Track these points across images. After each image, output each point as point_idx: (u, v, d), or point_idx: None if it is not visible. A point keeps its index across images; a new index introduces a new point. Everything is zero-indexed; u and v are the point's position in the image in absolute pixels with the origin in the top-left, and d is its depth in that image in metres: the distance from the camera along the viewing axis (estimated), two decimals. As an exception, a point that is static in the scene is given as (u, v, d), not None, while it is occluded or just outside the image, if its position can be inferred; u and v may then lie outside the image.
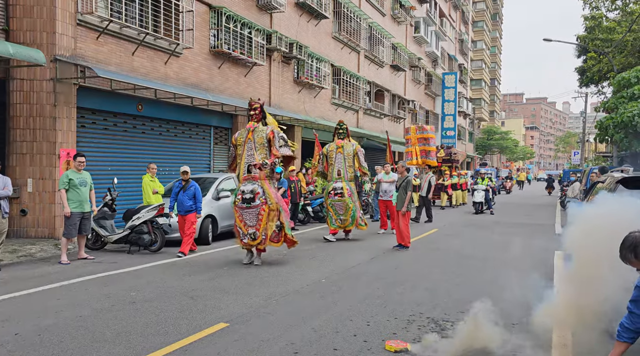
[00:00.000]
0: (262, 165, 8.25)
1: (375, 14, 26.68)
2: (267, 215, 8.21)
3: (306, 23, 20.02)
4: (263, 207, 8.20)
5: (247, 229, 8.26)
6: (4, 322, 5.12)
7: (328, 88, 21.59)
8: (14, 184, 10.09)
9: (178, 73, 13.56)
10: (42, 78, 10.22)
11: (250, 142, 8.38)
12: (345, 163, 11.52)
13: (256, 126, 8.47)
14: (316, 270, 7.98)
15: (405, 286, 6.95)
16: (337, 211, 11.40)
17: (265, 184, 8.34)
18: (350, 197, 11.31)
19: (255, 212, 8.20)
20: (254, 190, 8.20)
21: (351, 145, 11.66)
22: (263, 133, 8.38)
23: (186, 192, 9.41)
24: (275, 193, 8.46)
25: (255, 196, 8.17)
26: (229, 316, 5.35)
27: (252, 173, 8.31)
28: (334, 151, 11.64)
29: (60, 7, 10.22)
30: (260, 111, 8.55)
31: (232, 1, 15.58)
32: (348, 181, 11.45)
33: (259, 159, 8.29)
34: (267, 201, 8.23)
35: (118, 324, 5.07)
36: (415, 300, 6.21)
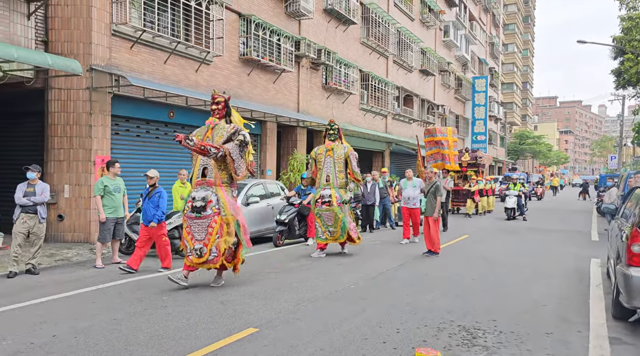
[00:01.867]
0: (186, 139, 6.60)
1: (403, 19, 26.57)
2: (219, 228, 6.85)
3: (334, 29, 20.09)
4: (215, 218, 6.81)
5: (194, 243, 6.87)
6: (42, 324, 5.28)
7: (356, 93, 21.58)
8: (52, 190, 10.45)
9: (208, 80, 13.79)
10: (78, 87, 10.55)
11: (209, 140, 7.08)
12: (334, 168, 10.07)
13: (217, 123, 7.22)
14: (344, 276, 7.95)
15: (435, 293, 6.86)
16: (325, 222, 9.96)
17: (221, 191, 6.96)
18: (340, 206, 9.88)
19: (205, 224, 6.82)
20: (206, 198, 6.86)
21: (342, 147, 10.25)
22: (223, 132, 7.08)
23: (151, 200, 8.23)
24: (233, 203, 7.07)
25: (207, 204, 6.83)
26: (258, 322, 5.38)
27: (206, 178, 7.03)
28: (323, 154, 10.19)
29: (96, 18, 10.55)
30: (224, 106, 7.34)
31: (261, 9, 15.78)
32: (338, 188, 10.00)
33: (215, 162, 7.00)
34: (220, 211, 6.86)
35: (151, 328, 5.17)
36: (445, 307, 6.12)
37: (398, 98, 26.62)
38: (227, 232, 6.90)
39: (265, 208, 12.03)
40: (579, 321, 5.68)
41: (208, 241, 6.82)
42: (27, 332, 5.00)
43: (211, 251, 6.82)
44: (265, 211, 12.00)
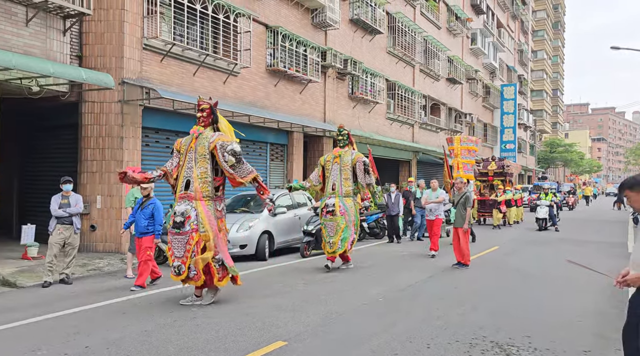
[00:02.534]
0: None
1: (430, 28, 26.43)
2: (196, 245, 6.47)
3: (360, 39, 20.11)
4: (192, 235, 6.45)
5: (173, 260, 6.57)
6: (76, 335, 5.37)
7: (383, 103, 21.51)
8: (84, 201, 10.68)
9: (236, 92, 13.95)
10: (111, 100, 10.81)
11: (192, 151, 6.70)
12: (340, 175, 9.55)
13: (202, 132, 6.79)
14: (373, 288, 7.86)
15: (466, 307, 6.72)
16: (328, 233, 9.42)
17: (201, 206, 6.56)
18: (344, 215, 9.34)
19: (183, 240, 6.49)
20: (185, 212, 6.47)
21: (350, 153, 9.68)
22: (206, 142, 6.65)
23: (143, 211, 7.94)
24: (212, 219, 6.62)
25: (186, 220, 6.46)
26: (287, 335, 5.35)
27: (188, 191, 6.61)
28: (331, 161, 9.71)
29: (128, 33, 10.81)
30: (209, 113, 6.87)
31: (288, 20, 15.92)
32: (343, 197, 9.49)
33: (197, 174, 6.61)
34: (198, 227, 6.48)
35: (180, 340, 5.20)
36: (477, 322, 5.98)
37: (425, 107, 26.42)
38: (205, 249, 6.51)
39: (292, 219, 12.04)
40: (616, 337, 5.45)
41: (186, 258, 6.48)
42: (61, 343, 5.09)
43: (190, 269, 6.49)
44: (292, 221, 12.01)
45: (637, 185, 3.52)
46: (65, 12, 9.53)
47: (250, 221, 10.91)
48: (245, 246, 10.62)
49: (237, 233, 10.62)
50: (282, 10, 15.75)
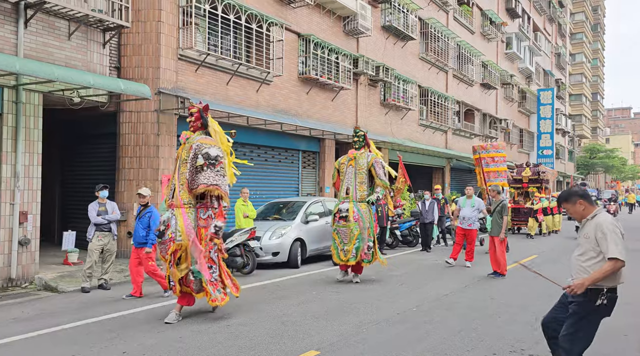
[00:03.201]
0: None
1: (464, 33, 26.09)
2: (172, 255, 6.22)
3: (392, 45, 20.02)
4: (170, 244, 6.25)
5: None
6: (113, 340, 5.48)
7: (415, 109, 21.32)
8: (121, 208, 10.95)
9: (268, 100, 14.08)
10: (147, 110, 11.07)
11: (179, 158, 6.56)
12: (355, 179, 9.03)
13: (188, 137, 6.61)
14: (406, 298, 7.75)
15: (503, 319, 6.54)
16: (342, 239, 8.96)
17: (181, 214, 6.27)
18: (358, 221, 8.83)
19: (165, 250, 6.33)
20: (166, 221, 6.32)
21: (366, 156, 9.15)
22: (188, 146, 6.47)
23: (141, 220, 7.88)
24: (190, 227, 6.24)
25: (167, 229, 6.28)
26: (320, 344, 5.32)
27: (172, 199, 6.42)
28: (345, 164, 9.25)
29: (164, 44, 11.07)
30: (198, 118, 6.59)
31: (320, 28, 16.00)
32: (357, 202, 8.98)
33: (179, 181, 6.36)
34: (175, 237, 6.22)
35: (214, 347, 5.23)
36: (515, 334, 5.81)
37: (458, 113, 26.04)
38: (179, 260, 6.22)
39: (324, 226, 12.01)
40: (666, 354, 5.21)
41: (167, 270, 6.40)
42: (99, 347, 5.21)
43: (169, 279, 6.40)
44: (324, 229, 11.97)
45: (570, 197, 3.91)
46: (105, 26, 9.84)
47: (282, 228, 10.94)
48: (277, 253, 10.65)
49: (270, 241, 10.67)
50: (314, 18, 15.84)
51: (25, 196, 8.81)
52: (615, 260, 3.62)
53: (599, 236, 3.72)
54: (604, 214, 3.84)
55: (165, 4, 11.11)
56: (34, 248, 8.95)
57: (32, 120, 8.90)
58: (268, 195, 14.19)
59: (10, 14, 8.52)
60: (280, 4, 14.42)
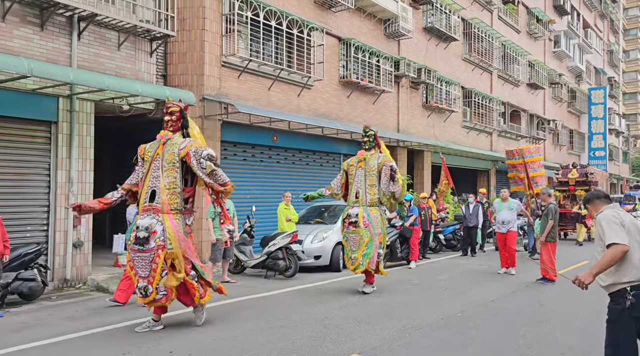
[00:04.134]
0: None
1: (509, 32, 25.44)
2: (163, 263, 5.77)
3: (434, 47, 19.76)
4: (158, 253, 5.73)
5: (138, 281, 5.83)
6: (162, 339, 5.64)
7: (458, 111, 20.93)
8: (168, 212, 11.24)
9: (310, 104, 14.17)
10: (192, 116, 11.29)
11: (159, 158, 5.99)
12: (365, 182, 8.37)
13: (170, 138, 6.10)
14: (451, 303, 7.59)
15: (553, 326, 6.30)
16: (350, 247, 8.34)
17: (169, 220, 5.84)
18: (368, 227, 8.18)
19: (148, 258, 5.75)
20: (150, 227, 5.75)
21: (376, 157, 8.46)
22: (175, 149, 5.97)
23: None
24: (182, 235, 5.89)
25: (151, 235, 5.73)
26: (362, 348, 5.28)
27: (153, 203, 5.89)
28: (354, 166, 8.54)
29: (208, 51, 11.34)
30: (179, 117, 6.19)
31: (361, 32, 15.98)
32: (368, 206, 8.31)
33: (164, 184, 5.90)
34: (165, 244, 5.77)
35: (256, 349, 5.29)
36: (565, 342, 5.59)
37: (504, 114, 25.38)
38: (175, 268, 5.82)
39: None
40: None
41: (153, 279, 5.75)
42: (148, 347, 5.36)
43: (158, 290, 5.78)
44: (366, 233, 11.91)
45: (591, 199, 3.94)
46: (152, 35, 10.18)
47: (324, 232, 10.96)
48: (319, 257, 10.67)
49: (312, 244, 10.71)
50: (355, 22, 15.84)
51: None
52: (615, 245, 3.50)
53: (599, 230, 3.68)
54: (606, 210, 3.75)
55: (209, 13, 11.39)
56: (87, 251, 9.33)
57: (84, 127, 9.30)
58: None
59: (65, 27, 8.95)
60: (321, 9, 14.51)
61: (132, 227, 5.99)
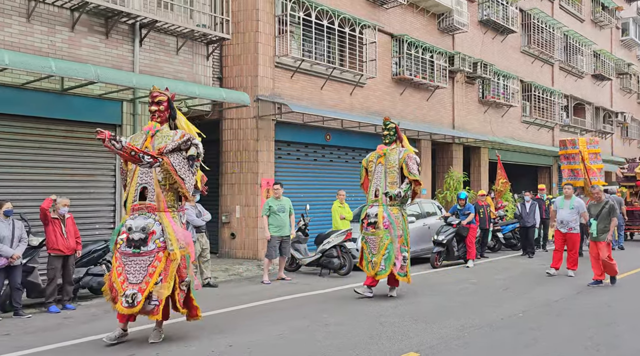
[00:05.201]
0: (111, 140, 5.14)
1: (571, 21, 24.27)
2: (164, 268, 5.28)
3: (491, 40, 19.16)
4: (159, 255, 5.27)
5: (126, 288, 5.20)
6: (220, 334, 5.80)
7: (517, 106, 20.20)
8: (225, 211, 11.62)
9: (362, 102, 14.12)
10: (247, 116, 11.61)
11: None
12: (385, 179, 7.65)
13: (159, 129, 5.60)
14: (511, 303, 7.34)
15: (622, 328, 5.96)
16: (370, 250, 7.65)
17: (166, 218, 5.40)
18: (388, 228, 7.50)
19: (146, 262, 5.26)
20: (147, 228, 5.27)
21: (397, 151, 7.73)
22: (167, 140, 5.47)
23: None
24: (182, 232, 5.51)
25: (149, 237, 5.26)
26: (419, 346, 5.21)
27: (146, 201, 5.42)
28: (374, 162, 7.86)
29: (262, 53, 11.56)
30: (167, 107, 5.70)
31: (413, 27, 15.76)
32: (388, 205, 7.61)
33: (159, 179, 5.41)
34: (167, 245, 5.32)
35: (314, 345, 5.33)
36: (635, 345, 5.28)
37: (566, 108, 24.24)
38: (172, 273, 5.30)
39: (421, 228, 11.79)
40: None
41: (146, 285, 5.19)
42: (208, 340, 5.53)
43: (149, 299, 5.21)
44: (421, 231, 11.75)
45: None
46: (208, 39, 10.49)
47: (378, 230, 10.87)
48: (374, 255, 10.59)
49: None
50: (407, 18, 15.64)
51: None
52: None
53: None
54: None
55: (262, 15, 11.60)
56: (150, 248, 9.73)
57: (146, 130, 9.70)
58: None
59: (128, 34, 9.38)
60: (373, 6, 14.43)
61: (120, 229, 5.39)
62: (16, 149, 8.25)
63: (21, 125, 8.19)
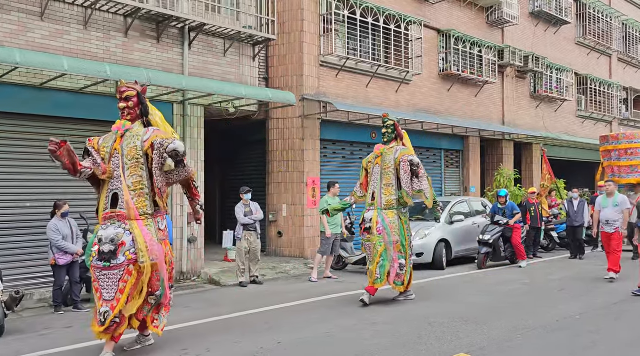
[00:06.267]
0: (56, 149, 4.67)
1: (631, 9, 23.03)
2: (134, 283, 4.81)
3: (543, 32, 18.47)
4: (129, 269, 4.77)
5: (102, 305, 4.74)
6: (269, 330, 5.88)
7: (572, 99, 19.37)
8: (271, 209, 11.75)
9: (408, 99, 13.94)
10: (292, 116, 11.70)
11: (118, 154, 4.96)
12: (381, 181, 7.19)
13: (129, 128, 5.06)
14: (567, 304, 7.05)
15: (692, 334, 5.60)
16: (368, 256, 7.26)
17: (137, 227, 4.87)
18: (382, 234, 6.98)
19: (116, 277, 4.75)
20: (116, 239, 4.77)
21: (394, 151, 7.21)
22: (138, 141, 4.96)
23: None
24: (153, 243, 4.92)
25: (119, 248, 4.76)
26: (470, 347, 5.09)
27: (117, 209, 4.89)
28: (372, 163, 7.40)
29: (307, 52, 11.61)
30: (137, 103, 5.12)
31: (461, 22, 15.41)
32: (383, 209, 7.10)
33: (128, 184, 4.89)
34: (138, 257, 4.80)
35: (361, 344, 5.31)
36: None
37: (626, 101, 23.04)
38: (141, 287, 4.86)
39: (470, 227, 11.51)
40: None
41: (117, 302, 4.73)
42: (257, 337, 5.62)
43: (116, 316, 4.72)
44: (470, 230, 11.47)
45: None
46: (255, 40, 10.64)
47: (426, 229, 10.73)
48: (421, 254, 10.46)
49: (413, 242, 10.53)
50: (454, 12, 15.31)
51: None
52: None
53: None
54: None
55: (307, 14, 11.65)
56: (200, 246, 9.99)
57: (195, 130, 9.96)
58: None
59: (177, 38, 9.66)
60: (419, 2, 14.21)
61: (94, 240, 4.88)
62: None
63: (81, 127, 8.56)
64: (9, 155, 7.98)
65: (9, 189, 7.95)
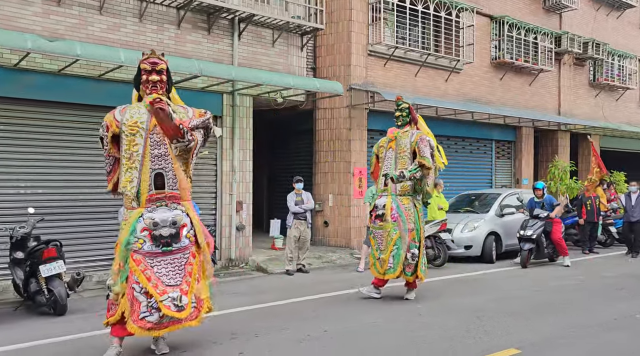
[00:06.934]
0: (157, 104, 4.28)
1: (701, -9, 21.48)
2: (199, 265, 4.63)
3: (605, 17, 17.53)
4: (193, 251, 4.57)
5: (163, 291, 4.35)
6: (315, 318, 5.94)
7: (635, 88, 18.34)
8: (318, 199, 11.80)
9: (458, 89, 13.60)
10: (340, 106, 11.67)
11: (158, 133, 4.54)
12: (395, 165, 6.75)
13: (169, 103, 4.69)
14: (626, 303, 6.74)
15: None
16: (378, 245, 6.81)
17: (192, 209, 4.73)
18: (397, 221, 6.63)
19: (181, 261, 4.50)
20: (177, 221, 4.49)
21: (409, 134, 6.79)
22: (184, 116, 4.64)
23: None
24: (201, 223, 4.80)
25: (181, 230, 4.49)
26: (520, 343, 4.95)
27: (165, 190, 4.54)
28: (385, 147, 7.00)
29: (355, 41, 11.53)
30: (166, 76, 4.73)
31: (515, 7, 14.85)
32: (398, 195, 6.74)
33: (179, 165, 4.62)
34: (197, 239, 4.63)
35: (407, 335, 5.28)
36: None
37: (695, 89, 21.58)
38: (206, 270, 4.71)
39: (521, 220, 11.13)
40: None
41: (188, 286, 4.47)
42: (303, 324, 5.69)
43: (193, 302, 4.50)
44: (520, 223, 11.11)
45: None
46: (303, 30, 10.66)
47: (475, 221, 10.51)
48: (470, 247, 10.27)
49: (462, 234, 10.35)
50: (508, -2, 14.77)
51: (240, 187, 10.07)
52: None
53: None
54: None
55: (356, 3, 11.54)
56: (248, 234, 10.18)
57: (244, 120, 10.12)
58: (459, 187, 13.73)
59: (227, 29, 9.81)
60: (470, -12, 13.79)
61: (136, 225, 4.43)
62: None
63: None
64: (74, 143, 8.33)
65: (71, 175, 8.33)
